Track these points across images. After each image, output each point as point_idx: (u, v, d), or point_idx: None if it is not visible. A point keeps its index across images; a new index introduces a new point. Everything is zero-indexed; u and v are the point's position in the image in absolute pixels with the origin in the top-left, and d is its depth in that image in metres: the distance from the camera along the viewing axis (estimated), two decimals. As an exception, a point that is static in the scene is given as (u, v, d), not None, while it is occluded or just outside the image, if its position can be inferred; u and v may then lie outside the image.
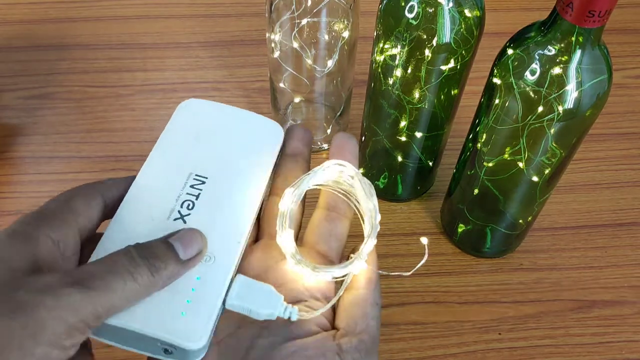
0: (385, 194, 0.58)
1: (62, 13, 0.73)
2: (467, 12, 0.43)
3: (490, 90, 0.42)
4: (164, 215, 0.34)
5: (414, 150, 0.52)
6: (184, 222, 0.34)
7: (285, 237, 0.35)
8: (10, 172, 0.59)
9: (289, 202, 0.36)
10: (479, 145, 0.46)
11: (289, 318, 0.33)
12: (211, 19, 0.73)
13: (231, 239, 0.34)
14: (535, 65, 0.39)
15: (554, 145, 0.42)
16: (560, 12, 0.36)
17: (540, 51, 0.38)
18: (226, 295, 0.32)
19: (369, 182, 0.37)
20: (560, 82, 0.38)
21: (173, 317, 0.31)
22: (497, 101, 0.42)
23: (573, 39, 0.37)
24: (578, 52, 0.37)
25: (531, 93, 0.39)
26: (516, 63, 0.40)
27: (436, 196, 0.59)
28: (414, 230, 0.56)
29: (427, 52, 0.43)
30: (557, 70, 0.38)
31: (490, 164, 0.45)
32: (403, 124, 0.50)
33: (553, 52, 0.38)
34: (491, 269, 0.54)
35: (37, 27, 0.71)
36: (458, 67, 0.45)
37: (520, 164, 0.44)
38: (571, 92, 0.38)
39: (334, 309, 0.35)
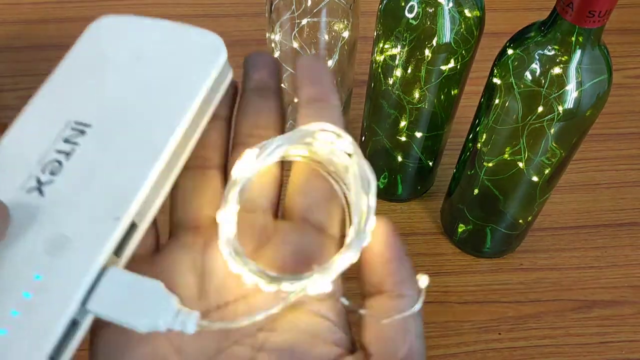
0: (385, 194, 0.58)
1: (62, 13, 0.73)
2: (467, 12, 0.43)
3: (490, 90, 0.42)
4: (16, 185, 0.25)
5: (414, 150, 0.52)
6: (41, 193, 0.25)
7: (225, 217, 0.26)
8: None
9: (245, 167, 0.27)
10: (479, 145, 0.46)
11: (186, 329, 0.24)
12: (211, 19, 0.73)
13: (105, 215, 0.24)
14: (535, 65, 0.39)
15: (554, 145, 0.42)
16: (560, 12, 0.36)
17: (540, 51, 0.38)
18: (88, 297, 0.23)
19: (370, 168, 0.27)
20: (560, 82, 0.38)
21: None
22: (497, 101, 0.42)
23: (573, 39, 0.37)
24: (578, 52, 0.37)
25: (531, 93, 0.39)
26: (516, 63, 0.40)
27: (436, 196, 0.58)
28: (414, 230, 0.56)
29: (427, 52, 0.43)
30: (557, 70, 0.38)
31: (490, 164, 0.45)
32: (403, 124, 0.50)
33: (553, 52, 0.38)
34: (491, 269, 0.54)
35: (37, 27, 0.71)
36: (458, 67, 0.45)
37: (520, 164, 0.44)
38: (571, 92, 0.38)
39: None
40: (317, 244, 0.27)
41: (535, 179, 0.45)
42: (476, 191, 0.48)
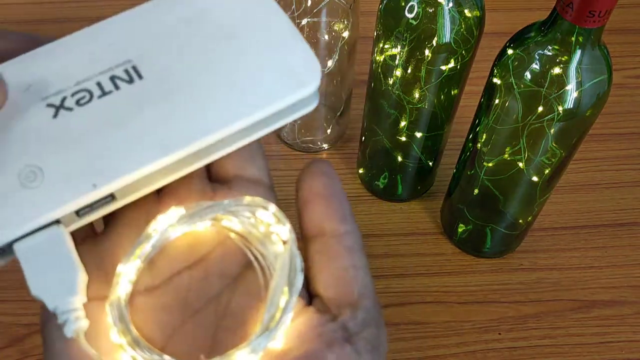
0: (385, 194, 0.58)
1: (62, 13, 0.73)
2: (467, 12, 0.43)
3: (490, 90, 0.42)
4: (43, 91, 0.25)
5: (414, 150, 0.52)
6: (55, 116, 0.25)
7: (125, 271, 0.25)
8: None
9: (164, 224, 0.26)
10: (479, 145, 0.46)
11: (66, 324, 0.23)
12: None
13: (86, 175, 0.24)
14: (536, 65, 0.39)
15: (554, 145, 0.41)
16: (561, 12, 0.36)
17: (540, 51, 0.38)
18: (22, 238, 0.24)
19: (300, 265, 0.25)
20: (560, 82, 0.38)
21: None
22: (497, 101, 0.42)
23: (573, 39, 0.37)
24: (578, 52, 0.37)
25: (531, 93, 0.39)
26: (516, 63, 0.40)
27: (436, 196, 0.58)
28: (414, 230, 0.56)
29: (427, 52, 0.43)
30: (557, 70, 0.38)
31: (490, 164, 0.45)
32: (403, 124, 0.50)
33: (553, 52, 0.38)
34: (491, 269, 0.54)
35: (36, 27, 0.71)
36: (458, 67, 0.45)
37: (520, 164, 0.44)
38: (571, 92, 0.38)
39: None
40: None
41: (535, 179, 0.45)
42: (476, 191, 0.48)
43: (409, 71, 0.45)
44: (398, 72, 0.46)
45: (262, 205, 0.26)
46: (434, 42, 0.43)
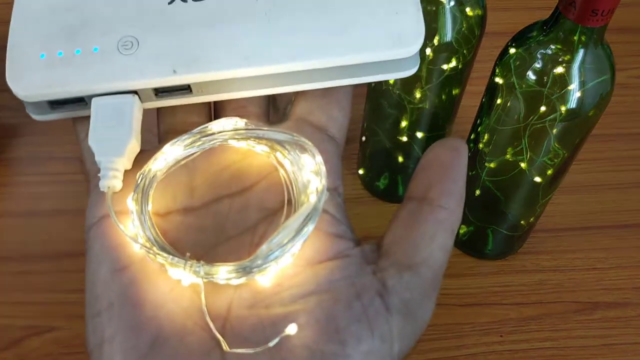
0: (385, 195, 0.57)
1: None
2: (468, 11, 0.42)
3: (491, 90, 0.42)
4: None
5: (415, 150, 0.52)
6: (170, 3, 0.28)
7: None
8: (8, 173, 0.59)
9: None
10: (480, 145, 0.45)
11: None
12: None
13: (170, 61, 0.27)
14: (538, 65, 0.38)
15: (557, 145, 0.41)
16: (563, 11, 0.36)
17: (542, 50, 0.38)
18: (102, 96, 0.27)
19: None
20: (562, 81, 0.38)
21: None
22: (498, 101, 0.41)
23: (575, 38, 0.36)
24: (581, 52, 0.37)
25: (533, 93, 0.39)
26: (518, 62, 0.39)
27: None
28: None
29: (428, 52, 0.43)
30: (559, 69, 0.37)
31: (492, 165, 0.45)
32: (404, 124, 0.49)
33: (555, 51, 0.37)
34: (493, 270, 0.53)
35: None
36: (459, 66, 0.44)
37: (522, 165, 0.43)
38: (574, 92, 0.38)
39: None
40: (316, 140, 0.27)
41: (537, 179, 0.44)
42: (478, 192, 0.48)
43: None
44: (398, 72, 0.45)
45: (310, 150, 0.27)
46: (435, 42, 0.42)
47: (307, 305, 0.24)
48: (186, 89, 0.28)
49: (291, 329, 0.24)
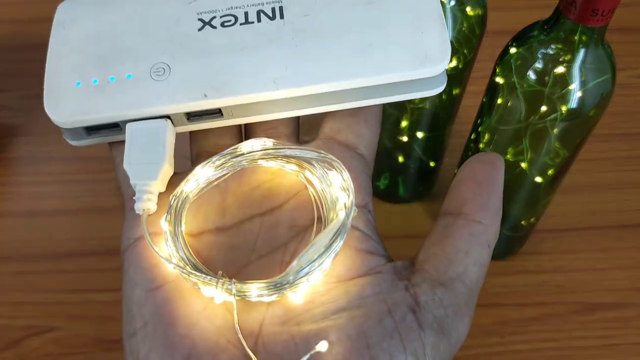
0: (386, 195, 0.57)
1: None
2: (469, 11, 0.42)
3: (492, 89, 0.42)
4: (194, 11, 0.30)
5: (416, 151, 0.52)
6: (200, 30, 0.29)
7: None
8: (7, 173, 0.59)
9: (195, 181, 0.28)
10: (481, 145, 0.45)
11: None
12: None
13: (198, 87, 0.28)
14: (538, 65, 0.38)
15: (557, 145, 0.41)
16: (563, 10, 0.36)
17: (543, 50, 0.38)
18: (137, 121, 0.28)
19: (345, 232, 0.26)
20: (563, 81, 0.38)
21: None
22: (499, 101, 0.41)
23: (576, 37, 0.36)
24: (581, 51, 0.37)
25: (534, 93, 0.39)
26: (519, 62, 0.39)
27: (438, 197, 0.58)
28: (416, 232, 0.56)
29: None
30: (560, 69, 0.37)
31: (493, 165, 0.45)
32: (404, 124, 0.49)
33: (556, 51, 0.37)
34: (494, 271, 0.53)
35: (34, 26, 0.71)
36: (460, 66, 0.44)
37: (523, 165, 0.43)
38: (574, 92, 0.38)
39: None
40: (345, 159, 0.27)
41: (538, 179, 0.44)
42: (478, 192, 0.48)
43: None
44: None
45: (337, 167, 0.27)
46: (435, 41, 0.42)
47: (338, 321, 0.24)
48: (217, 112, 0.29)
49: (322, 346, 0.24)
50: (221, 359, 0.24)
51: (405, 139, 0.51)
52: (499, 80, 0.41)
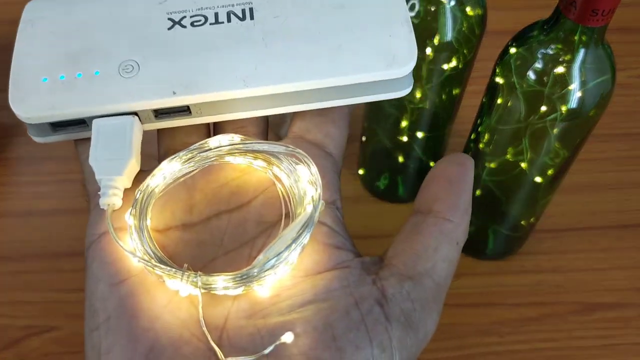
0: (385, 195, 0.57)
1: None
2: (468, 11, 0.42)
3: (492, 89, 0.42)
4: (164, 11, 0.30)
5: (415, 150, 0.52)
6: (169, 29, 0.29)
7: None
8: (7, 173, 0.59)
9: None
10: (481, 145, 0.45)
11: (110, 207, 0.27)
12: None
13: (170, 82, 0.28)
14: (538, 65, 0.38)
15: (557, 145, 0.41)
16: (563, 10, 0.36)
17: (542, 50, 0.38)
18: (102, 117, 0.28)
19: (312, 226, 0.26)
20: (563, 81, 0.38)
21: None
22: (499, 101, 0.41)
23: (576, 37, 0.36)
24: (581, 51, 0.37)
25: (534, 93, 0.39)
26: (518, 62, 0.39)
27: (438, 197, 0.58)
28: (415, 231, 0.56)
29: (429, 51, 0.43)
30: (560, 69, 0.37)
31: (492, 165, 0.45)
32: (404, 124, 0.49)
33: (556, 51, 0.37)
34: (493, 270, 0.53)
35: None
36: (460, 66, 0.44)
37: (523, 165, 0.43)
38: (574, 92, 0.38)
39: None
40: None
41: (538, 179, 0.44)
42: (478, 192, 0.48)
43: (410, 70, 0.45)
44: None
45: (305, 161, 0.27)
46: (436, 41, 0.42)
47: (304, 314, 0.24)
48: (185, 110, 0.28)
49: (287, 337, 0.24)
50: (184, 351, 0.24)
51: (405, 139, 0.51)
52: (499, 80, 0.41)
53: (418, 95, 0.46)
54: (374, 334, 0.24)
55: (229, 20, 0.29)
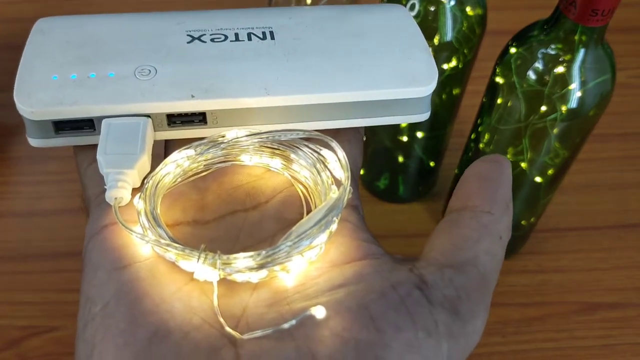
0: (386, 195, 0.57)
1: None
2: (469, 11, 0.42)
3: (492, 89, 0.42)
4: (183, 29, 0.30)
5: (416, 150, 0.52)
6: (189, 43, 0.29)
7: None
8: (8, 172, 0.59)
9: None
10: (481, 145, 0.45)
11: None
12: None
13: (189, 87, 0.27)
14: (538, 64, 0.38)
15: (557, 145, 0.41)
16: (563, 10, 0.36)
17: (543, 50, 0.38)
18: (114, 118, 0.26)
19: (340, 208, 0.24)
20: (563, 81, 0.37)
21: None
22: (499, 101, 0.41)
23: (576, 37, 0.36)
24: (581, 51, 0.37)
25: (534, 92, 0.39)
26: (519, 62, 0.39)
27: (438, 197, 0.58)
28: (416, 231, 0.56)
29: (429, 51, 0.43)
30: (560, 69, 0.37)
31: (493, 165, 0.45)
32: (404, 124, 0.49)
33: (556, 51, 0.37)
34: (494, 270, 0.53)
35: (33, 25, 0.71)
36: (460, 66, 0.44)
37: (523, 165, 0.43)
38: (574, 92, 0.38)
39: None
40: None
41: (538, 179, 0.44)
42: (478, 192, 0.48)
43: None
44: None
45: (333, 146, 0.26)
46: (436, 41, 0.42)
47: (335, 296, 0.22)
48: (200, 119, 0.27)
49: (318, 312, 0.21)
50: (194, 337, 0.21)
51: (405, 139, 0.51)
52: (499, 80, 0.41)
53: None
54: (417, 316, 0.21)
55: (249, 39, 0.29)
